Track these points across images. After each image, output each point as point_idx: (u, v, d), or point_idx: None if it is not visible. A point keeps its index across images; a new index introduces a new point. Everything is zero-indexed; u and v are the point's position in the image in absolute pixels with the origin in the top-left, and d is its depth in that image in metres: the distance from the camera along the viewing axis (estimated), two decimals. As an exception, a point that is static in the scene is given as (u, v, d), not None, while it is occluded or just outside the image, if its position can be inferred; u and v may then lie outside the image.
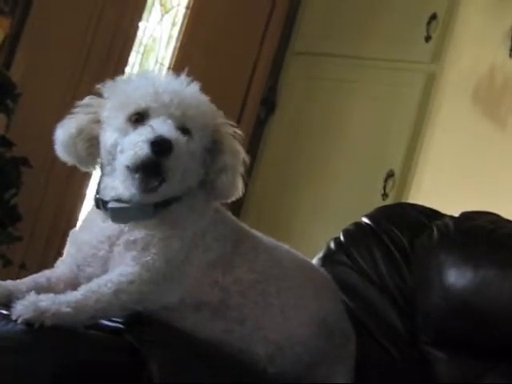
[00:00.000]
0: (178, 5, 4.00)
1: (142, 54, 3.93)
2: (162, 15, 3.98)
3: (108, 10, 3.51)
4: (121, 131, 1.51)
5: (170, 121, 1.49)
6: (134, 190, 1.48)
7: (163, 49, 3.97)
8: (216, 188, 1.57)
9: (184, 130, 1.51)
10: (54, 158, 1.61)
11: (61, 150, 1.57)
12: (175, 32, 3.97)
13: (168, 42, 3.97)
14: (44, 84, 3.34)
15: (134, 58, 3.84)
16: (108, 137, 1.53)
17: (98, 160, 1.58)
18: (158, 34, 3.98)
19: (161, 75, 1.58)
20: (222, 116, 1.61)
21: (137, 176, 1.46)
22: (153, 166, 1.45)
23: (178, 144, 1.46)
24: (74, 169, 1.66)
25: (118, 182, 1.51)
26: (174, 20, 3.99)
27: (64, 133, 1.56)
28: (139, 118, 1.50)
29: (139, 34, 3.79)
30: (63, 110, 1.62)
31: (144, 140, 1.45)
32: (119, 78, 1.61)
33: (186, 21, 3.96)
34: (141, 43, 3.89)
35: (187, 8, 3.98)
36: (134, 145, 1.46)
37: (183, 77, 1.56)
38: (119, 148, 1.50)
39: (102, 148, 1.55)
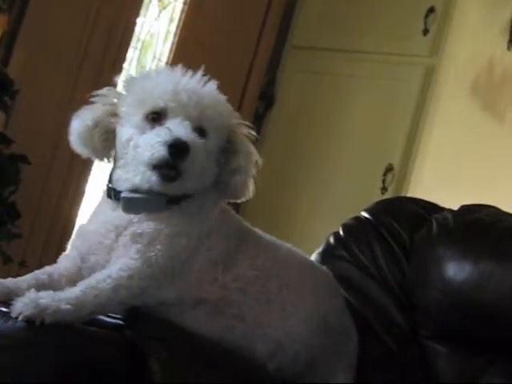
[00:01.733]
0: (176, 0, 3.99)
1: (140, 50, 3.93)
2: (160, 11, 3.97)
3: (105, 5, 3.50)
4: (138, 128, 1.52)
5: (187, 122, 1.49)
6: (153, 180, 1.48)
7: (161, 44, 3.97)
8: (228, 188, 1.59)
9: (201, 130, 1.52)
10: (53, 155, 1.61)
11: (76, 142, 1.57)
12: (173, 27, 3.97)
13: (166, 38, 3.97)
14: (42, 80, 3.34)
15: (131, 54, 3.84)
16: (125, 132, 1.54)
17: (112, 152, 1.59)
18: (156, 29, 3.97)
19: (179, 73, 1.57)
20: (238, 116, 1.62)
21: (154, 171, 1.47)
22: (169, 167, 1.47)
23: (194, 146, 1.47)
24: (72, 165, 1.66)
25: (133, 175, 1.52)
26: (171, 15, 3.98)
27: (80, 124, 1.56)
28: (157, 117, 1.51)
29: (137, 29, 3.79)
30: (61, 106, 1.62)
31: (161, 142, 1.46)
32: (138, 73, 1.61)
33: (183, 16, 3.95)
34: (138, 39, 3.89)
35: (184, 3, 3.97)
36: (151, 145, 1.47)
37: (200, 75, 1.57)
38: (133, 143, 1.51)
39: (117, 142, 1.56)
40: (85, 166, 3.34)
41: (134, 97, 1.55)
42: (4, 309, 1.38)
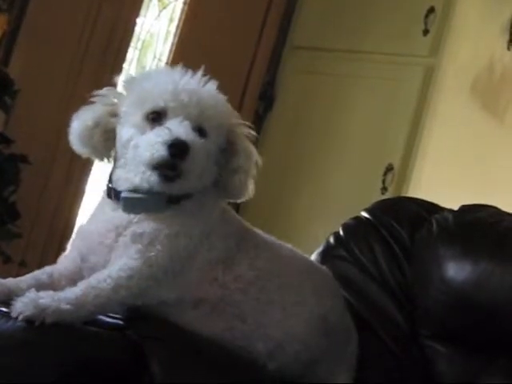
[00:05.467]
0: (176, 0, 3.99)
1: (140, 50, 3.93)
2: (160, 11, 3.97)
3: (105, 5, 3.50)
4: (138, 128, 1.52)
5: (187, 122, 1.49)
6: (153, 180, 1.48)
7: (161, 44, 3.97)
8: (228, 188, 1.59)
9: (200, 130, 1.52)
10: (53, 155, 1.62)
11: (76, 142, 1.58)
12: (173, 27, 3.97)
13: (166, 38, 3.97)
14: (42, 80, 3.34)
15: (131, 54, 3.84)
16: (125, 132, 1.53)
17: (112, 152, 1.59)
18: (156, 29, 3.97)
19: (179, 72, 1.57)
20: (238, 116, 1.62)
21: (154, 171, 1.47)
22: (169, 167, 1.47)
23: (194, 146, 1.47)
24: (73, 165, 1.66)
25: (133, 175, 1.51)
26: (171, 15, 3.99)
27: (80, 124, 1.56)
28: (157, 117, 1.51)
29: (137, 29, 3.79)
30: (61, 106, 1.62)
31: (161, 142, 1.46)
32: (138, 73, 1.61)
33: (183, 16, 3.95)
34: (138, 39, 3.89)
35: (185, 3, 3.97)
36: (151, 146, 1.47)
37: (200, 74, 1.57)
38: (133, 143, 1.51)
39: (117, 142, 1.56)
40: (85, 166, 3.34)
41: (134, 97, 1.55)
42: (4, 309, 1.38)
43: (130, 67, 3.82)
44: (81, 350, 1.39)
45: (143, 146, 1.48)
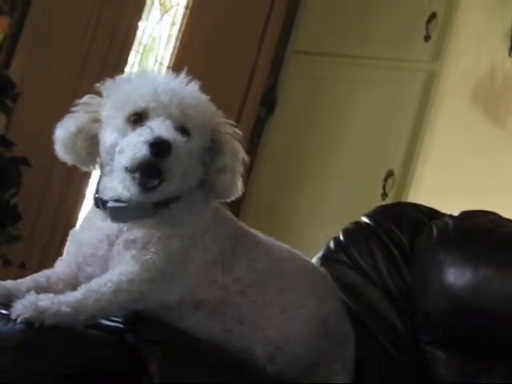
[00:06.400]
0: (178, 4, 4.00)
1: (142, 54, 3.94)
2: (162, 15, 3.98)
3: (107, 9, 3.51)
4: (120, 131, 1.51)
5: (168, 121, 1.49)
6: (133, 189, 1.47)
7: (163, 48, 3.98)
8: (216, 188, 1.58)
9: (183, 129, 1.51)
10: (54, 158, 1.61)
11: (60, 150, 1.57)
12: (174, 31, 3.98)
13: (167, 42, 3.98)
14: (43, 83, 3.34)
15: (133, 58, 3.85)
16: (107, 137, 1.53)
17: (98, 159, 1.58)
18: (158, 33, 3.98)
19: (160, 74, 1.57)
20: (222, 115, 1.61)
21: (136, 176, 1.46)
22: (152, 167, 1.46)
23: (176, 145, 1.46)
24: (73, 168, 1.66)
25: (117, 183, 1.51)
26: (173, 19, 4.00)
27: (63, 132, 1.56)
28: (138, 119, 1.50)
29: (138, 33, 3.80)
30: (63, 109, 1.62)
31: (143, 141, 1.45)
32: (118, 77, 1.61)
33: (185, 20, 3.96)
34: (140, 43, 3.90)
35: (186, 7, 3.98)
36: (133, 146, 1.46)
37: (182, 76, 1.56)
38: (118, 148, 1.50)
39: (101, 148, 1.55)
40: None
41: (114, 100, 1.54)
42: (3, 311, 1.38)
43: (131, 71, 3.83)
44: (80, 352, 1.39)
45: (125, 147, 1.47)
